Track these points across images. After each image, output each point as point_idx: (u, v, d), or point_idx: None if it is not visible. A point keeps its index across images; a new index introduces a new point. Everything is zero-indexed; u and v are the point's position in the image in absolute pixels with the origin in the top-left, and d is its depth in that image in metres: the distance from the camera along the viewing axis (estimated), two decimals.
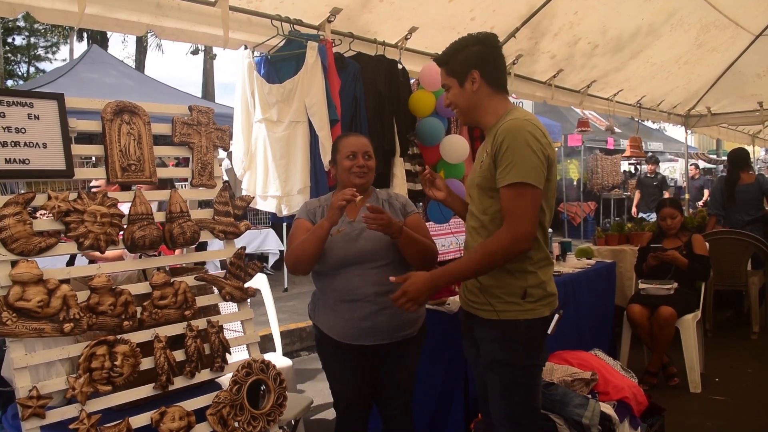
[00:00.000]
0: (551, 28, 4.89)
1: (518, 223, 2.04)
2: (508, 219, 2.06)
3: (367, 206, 2.32)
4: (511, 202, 2.06)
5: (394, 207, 2.62)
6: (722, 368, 4.81)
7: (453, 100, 2.28)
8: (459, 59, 2.23)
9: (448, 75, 2.27)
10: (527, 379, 2.19)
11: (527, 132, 2.07)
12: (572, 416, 2.80)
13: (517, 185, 2.04)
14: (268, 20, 3.32)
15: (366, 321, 2.44)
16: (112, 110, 2.19)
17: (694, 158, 17.85)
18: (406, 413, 2.64)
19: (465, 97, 2.24)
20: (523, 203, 2.05)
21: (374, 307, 2.42)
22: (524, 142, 2.06)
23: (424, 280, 2.14)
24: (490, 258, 2.08)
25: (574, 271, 4.27)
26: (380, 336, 2.46)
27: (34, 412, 1.85)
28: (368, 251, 2.44)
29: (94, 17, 2.82)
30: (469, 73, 2.21)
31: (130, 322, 2.10)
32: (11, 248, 1.90)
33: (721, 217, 6.49)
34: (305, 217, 2.60)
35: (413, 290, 2.12)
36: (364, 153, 2.56)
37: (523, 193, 2.05)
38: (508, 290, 2.15)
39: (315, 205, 2.65)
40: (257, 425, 2.28)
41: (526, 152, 2.05)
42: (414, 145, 4.09)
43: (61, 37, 23.58)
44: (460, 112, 2.31)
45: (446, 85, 2.29)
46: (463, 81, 2.22)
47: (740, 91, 7.66)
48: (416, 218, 2.63)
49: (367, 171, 2.56)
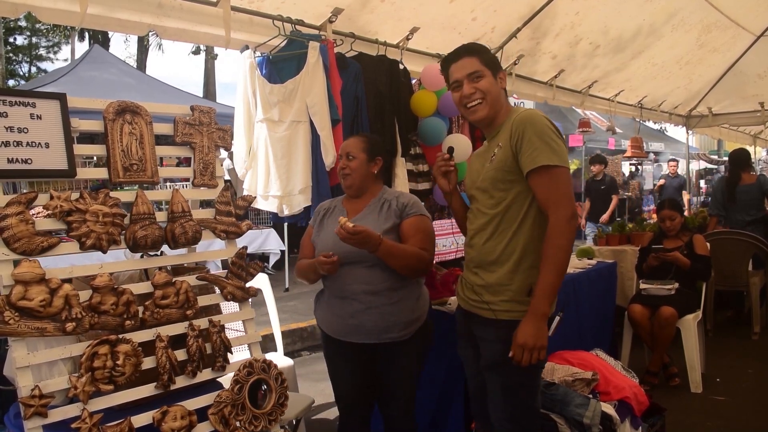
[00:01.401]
0: (552, 29, 4.89)
1: (563, 206, 2.06)
2: (552, 206, 2.07)
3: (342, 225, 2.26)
4: (547, 188, 2.08)
5: (391, 209, 2.55)
6: (723, 368, 4.81)
7: (488, 88, 2.22)
8: (490, 56, 2.29)
9: (482, 64, 2.23)
10: (528, 379, 2.19)
11: (545, 119, 2.13)
12: (573, 416, 2.80)
13: (549, 168, 2.06)
14: (269, 20, 3.32)
15: (353, 318, 2.45)
16: (114, 110, 2.19)
17: (695, 159, 17.84)
18: (408, 414, 2.63)
19: (497, 89, 2.25)
20: (562, 185, 2.08)
21: (361, 306, 2.42)
22: (546, 128, 2.10)
23: (531, 322, 2.05)
24: (561, 254, 2.06)
25: (575, 271, 4.27)
26: (366, 335, 2.45)
27: (37, 411, 1.86)
28: (355, 251, 2.38)
29: (95, 17, 2.82)
30: (500, 71, 2.28)
31: (131, 321, 2.10)
32: (13, 248, 1.91)
33: (722, 217, 6.49)
34: (311, 223, 2.72)
35: (530, 338, 2.04)
36: (347, 154, 2.58)
37: (557, 176, 2.07)
38: (515, 287, 2.15)
39: (324, 207, 2.71)
40: (259, 425, 2.28)
41: (551, 136, 2.09)
42: (416, 145, 4.09)
43: (62, 37, 23.60)
44: (486, 103, 2.23)
45: (479, 72, 2.22)
46: (496, 75, 2.25)
47: (741, 92, 7.66)
48: (413, 222, 2.53)
49: (350, 173, 2.57)
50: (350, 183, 2.59)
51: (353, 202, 2.63)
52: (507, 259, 2.17)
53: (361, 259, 2.41)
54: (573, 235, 2.08)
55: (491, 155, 2.23)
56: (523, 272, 2.15)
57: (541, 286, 2.06)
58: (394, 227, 2.51)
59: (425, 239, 2.52)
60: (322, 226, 2.61)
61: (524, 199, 2.16)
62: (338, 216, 2.53)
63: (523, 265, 2.16)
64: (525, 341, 2.04)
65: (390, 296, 2.44)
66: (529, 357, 2.05)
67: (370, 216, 2.54)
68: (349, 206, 2.63)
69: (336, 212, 2.62)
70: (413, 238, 2.49)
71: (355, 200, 2.63)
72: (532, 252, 2.15)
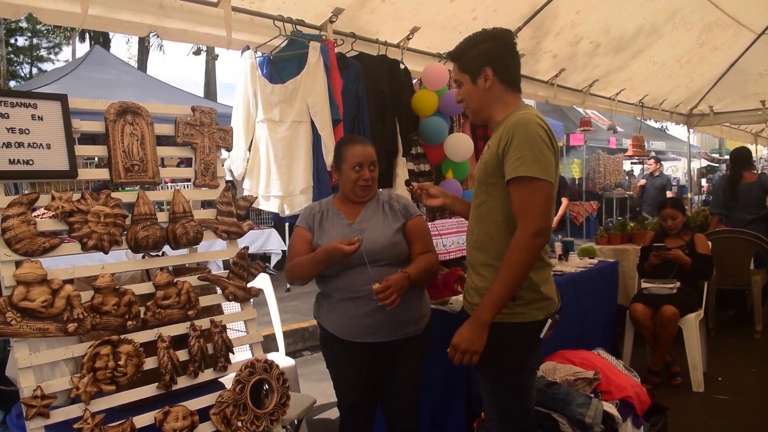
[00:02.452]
0: (553, 28, 4.90)
1: (532, 221, 1.97)
2: (522, 218, 1.99)
3: (374, 288, 2.28)
4: (524, 199, 2.00)
5: (394, 209, 2.58)
6: (725, 367, 4.80)
7: (465, 96, 2.22)
8: (472, 55, 2.18)
9: (460, 71, 2.21)
10: (517, 381, 2.15)
11: (538, 126, 2.04)
12: (575, 415, 2.80)
13: (529, 180, 1.98)
14: (270, 21, 3.33)
15: (368, 318, 2.44)
16: (115, 111, 2.19)
17: (697, 157, 17.81)
18: (410, 414, 2.63)
19: (477, 94, 2.18)
20: (537, 199, 1.99)
21: (375, 304, 2.42)
22: (537, 137, 2.01)
23: (469, 326, 2.04)
24: (516, 268, 1.98)
25: (577, 270, 4.26)
26: (383, 333, 2.46)
27: (39, 412, 1.86)
28: (368, 253, 2.42)
29: (97, 18, 2.83)
30: (483, 70, 2.15)
31: (133, 322, 2.10)
32: (15, 248, 1.91)
33: (723, 216, 6.49)
34: (304, 226, 2.59)
35: (463, 341, 2.02)
36: (371, 164, 2.53)
37: (535, 189, 1.99)
38: None
39: (315, 210, 2.62)
40: (260, 425, 2.29)
41: (540, 146, 2.00)
42: (417, 144, 4.09)
43: (63, 38, 23.61)
44: (470, 109, 2.24)
45: (458, 81, 2.23)
46: (476, 78, 2.17)
47: (742, 90, 7.66)
48: (418, 221, 2.59)
49: (372, 183, 2.55)
50: (369, 193, 2.57)
51: (348, 205, 2.59)
52: (490, 262, 2.12)
53: (371, 260, 2.43)
54: (535, 252, 1.99)
55: (483, 154, 2.23)
56: None
57: (489, 294, 2.02)
58: (402, 228, 2.55)
59: (429, 240, 2.62)
60: (323, 230, 2.55)
61: (503, 204, 2.09)
62: (337, 220, 2.54)
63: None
64: (458, 343, 2.03)
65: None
66: (461, 358, 2.03)
67: (374, 218, 2.54)
68: (344, 209, 2.58)
69: (332, 216, 2.57)
70: (420, 240, 2.56)
71: (350, 203, 2.59)
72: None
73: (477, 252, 2.20)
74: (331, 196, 2.73)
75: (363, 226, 2.50)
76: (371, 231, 2.48)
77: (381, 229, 2.50)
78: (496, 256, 2.10)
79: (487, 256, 2.14)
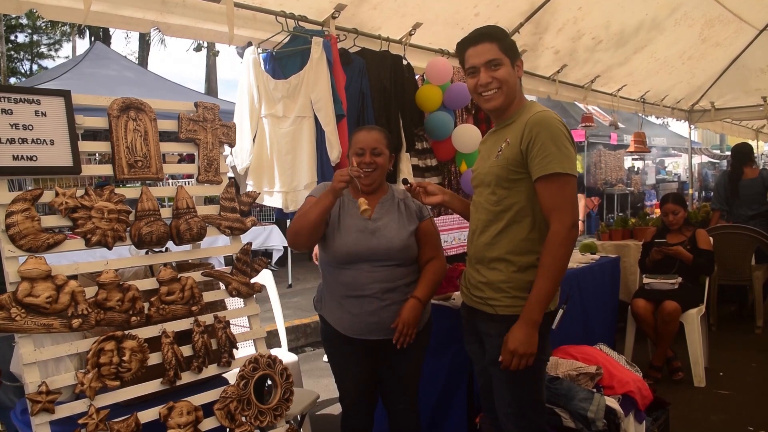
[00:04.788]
0: (555, 24, 4.89)
1: (568, 215, 2.05)
2: (556, 213, 2.06)
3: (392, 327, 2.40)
4: (555, 195, 2.06)
5: (410, 209, 2.57)
6: (726, 362, 4.82)
7: (505, 77, 2.15)
8: (510, 41, 2.20)
9: (501, 52, 2.15)
10: (533, 373, 2.18)
11: (559, 123, 2.11)
12: (577, 410, 2.81)
13: (559, 176, 2.05)
14: (272, 16, 3.33)
15: (373, 316, 2.44)
16: (118, 107, 2.19)
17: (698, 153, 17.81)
18: (412, 409, 2.64)
19: (513, 79, 2.19)
20: (569, 194, 2.07)
21: (381, 303, 2.42)
22: (560, 134, 2.08)
23: (522, 328, 2.06)
24: (560, 263, 2.07)
25: (579, 266, 4.27)
26: (385, 331, 2.46)
27: (44, 407, 1.86)
28: (381, 250, 2.42)
29: (99, 14, 2.83)
30: (518, 58, 2.21)
31: (137, 317, 2.11)
32: (20, 245, 1.92)
33: (724, 211, 6.49)
34: (317, 196, 2.54)
35: (521, 345, 2.05)
36: (373, 149, 2.48)
37: (565, 184, 2.06)
38: (515, 285, 2.15)
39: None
40: (264, 420, 2.29)
41: (564, 143, 2.07)
42: (422, 139, 4.09)
43: (63, 35, 23.57)
44: (500, 92, 2.17)
45: (497, 60, 2.14)
46: (514, 63, 2.19)
47: (744, 86, 7.65)
48: (428, 224, 2.59)
49: (375, 169, 2.49)
50: (373, 179, 2.51)
51: (360, 195, 2.55)
52: (507, 257, 2.17)
53: (380, 258, 2.43)
54: (573, 244, 2.09)
55: (498, 149, 2.21)
56: (523, 271, 2.15)
57: (536, 292, 2.07)
58: (415, 230, 2.55)
59: (438, 244, 2.64)
60: (339, 222, 2.51)
61: (526, 199, 2.15)
62: (352, 211, 2.49)
63: (523, 264, 2.15)
64: (515, 348, 2.06)
65: (405, 291, 2.47)
66: (518, 363, 2.06)
67: (388, 215, 2.53)
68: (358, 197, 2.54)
69: (349, 206, 2.53)
70: (429, 244, 2.57)
71: (365, 195, 2.54)
72: (531, 252, 2.15)
73: (489, 248, 2.22)
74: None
75: (379, 224, 2.48)
76: (387, 230, 2.47)
77: (396, 230, 2.48)
78: (512, 250, 2.16)
79: (503, 251, 2.18)
